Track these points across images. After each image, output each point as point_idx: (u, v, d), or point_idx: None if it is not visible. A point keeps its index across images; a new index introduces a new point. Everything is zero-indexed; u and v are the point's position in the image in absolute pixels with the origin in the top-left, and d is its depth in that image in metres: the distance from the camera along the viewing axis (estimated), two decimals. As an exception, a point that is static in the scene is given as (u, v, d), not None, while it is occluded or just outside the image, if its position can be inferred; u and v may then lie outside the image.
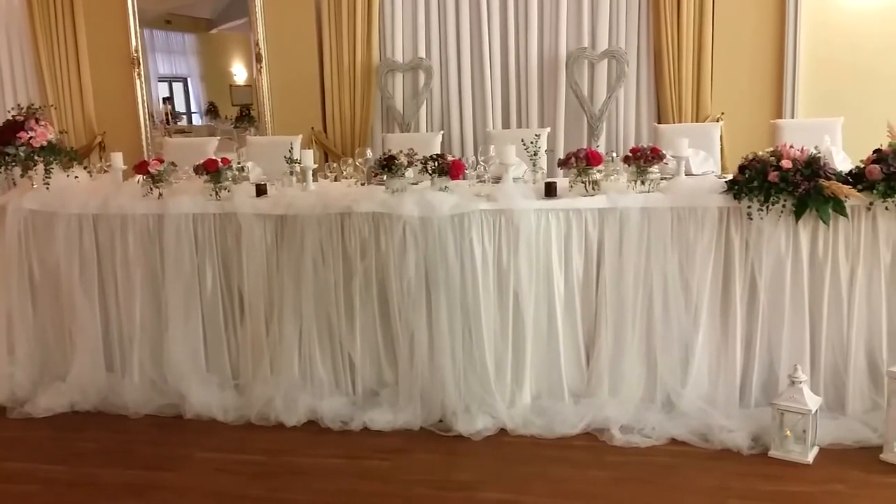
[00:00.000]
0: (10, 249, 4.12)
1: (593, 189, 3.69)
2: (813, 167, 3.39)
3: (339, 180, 4.37)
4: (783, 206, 3.42)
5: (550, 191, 3.72)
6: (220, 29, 6.82)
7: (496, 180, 3.89)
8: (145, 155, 6.26)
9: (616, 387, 3.67)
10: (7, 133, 4.14)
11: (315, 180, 4.15)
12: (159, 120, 6.71)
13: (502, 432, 3.58)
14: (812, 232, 3.47)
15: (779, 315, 3.53)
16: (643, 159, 3.64)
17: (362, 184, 4.17)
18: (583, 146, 4.62)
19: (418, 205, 3.62)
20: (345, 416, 3.74)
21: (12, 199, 4.17)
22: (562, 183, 3.80)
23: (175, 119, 6.91)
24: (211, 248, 3.95)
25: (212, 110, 6.87)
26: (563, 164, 3.77)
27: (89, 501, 3.20)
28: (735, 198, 3.49)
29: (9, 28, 6.47)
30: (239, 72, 6.67)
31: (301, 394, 3.81)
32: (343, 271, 3.78)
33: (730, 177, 3.62)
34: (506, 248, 3.64)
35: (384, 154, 3.79)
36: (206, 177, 3.94)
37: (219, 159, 3.98)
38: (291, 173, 4.09)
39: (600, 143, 5.74)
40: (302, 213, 3.78)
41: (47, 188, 4.12)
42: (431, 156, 3.77)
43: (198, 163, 3.97)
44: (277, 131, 6.22)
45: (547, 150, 4.88)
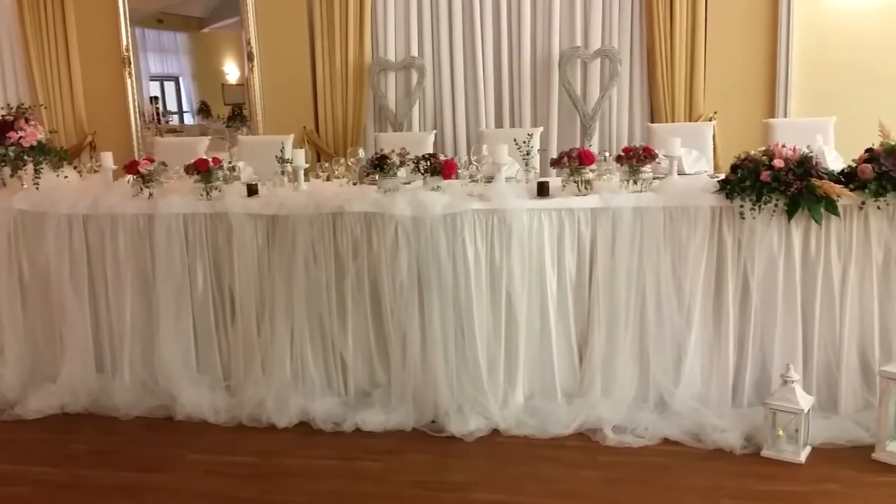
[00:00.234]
0: (-1, 250, 4.10)
1: (586, 189, 3.69)
2: (805, 166, 3.40)
3: (330, 180, 4.36)
4: (775, 205, 3.42)
5: (543, 190, 3.71)
6: (212, 28, 6.79)
7: (489, 180, 3.89)
8: (136, 154, 6.23)
9: (609, 387, 3.67)
10: (-4, 133, 4.12)
11: (307, 180, 4.13)
12: (148, 119, 6.67)
13: (495, 433, 3.57)
14: (804, 231, 3.47)
15: (771, 314, 3.54)
16: (636, 159, 3.64)
17: (354, 183, 4.16)
18: (576, 145, 4.63)
19: (410, 204, 3.61)
20: (337, 417, 3.73)
21: (2, 200, 4.14)
22: (554, 182, 3.79)
23: (164, 119, 6.87)
24: (202, 249, 3.93)
25: (204, 109, 6.84)
26: (555, 163, 3.76)
27: (80, 503, 3.18)
28: (727, 197, 3.49)
29: (-2, 26, 6.43)
30: (231, 71, 6.65)
31: (293, 394, 3.80)
32: (335, 271, 3.77)
33: (722, 176, 3.62)
34: (498, 248, 3.64)
35: (376, 153, 3.78)
36: (196, 176, 3.92)
37: (210, 159, 3.96)
38: (283, 173, 4.08)
39: (593, 143, 5.73)
40: (293, 213, 3.77)
41: (37, 188, 4.10)
42: (424, 155, 3.76)
43: (188, 162, 3.96)
44: (269, 130, 6.18)
45: (540, 150, 4.88)
